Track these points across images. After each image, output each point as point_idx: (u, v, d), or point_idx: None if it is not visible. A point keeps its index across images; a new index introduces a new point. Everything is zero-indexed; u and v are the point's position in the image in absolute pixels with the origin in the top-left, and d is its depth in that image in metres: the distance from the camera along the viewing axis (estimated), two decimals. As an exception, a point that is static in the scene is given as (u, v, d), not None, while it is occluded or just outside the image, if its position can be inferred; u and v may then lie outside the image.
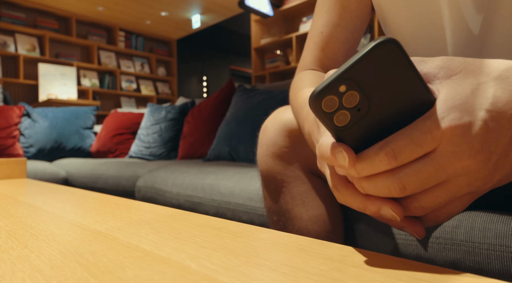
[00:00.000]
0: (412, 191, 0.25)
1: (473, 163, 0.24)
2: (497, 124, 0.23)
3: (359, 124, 0.25)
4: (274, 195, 0.54)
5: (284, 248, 0.27)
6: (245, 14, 5.45)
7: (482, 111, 0.23)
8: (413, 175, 0.24)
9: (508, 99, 0.23)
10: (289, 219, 0.53)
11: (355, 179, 0.26)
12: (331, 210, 0.55)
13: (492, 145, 0.24)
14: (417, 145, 0.23)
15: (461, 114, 0.23)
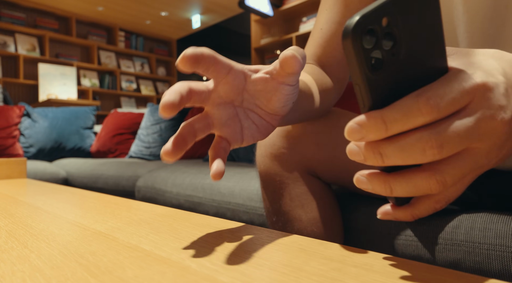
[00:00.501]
0: (448, 152, 0.22)
1: (500, 124, 0.23)
2: (511, 91, 0.24)
3: (390, 72, 0.22)
4: (273, 197, 0.54)
5: (284, 248, 0.27)
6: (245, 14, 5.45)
7: (500, 75, 0.24)
8: (453, 131, 0.22)
9: (510, 72, 0.24)
10: (288, 221, 0.53)
11: (375, 146, 0.23)
12: (330, 211, 0.55)
13: (509, 110, 0.23)
14: (459, 95, 0.22)
15: (486, 74, 0.23)
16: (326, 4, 0.58)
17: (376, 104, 0.22)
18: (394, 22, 0.21)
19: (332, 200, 0.57)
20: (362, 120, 0.22)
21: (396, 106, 0.21)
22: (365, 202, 0.62)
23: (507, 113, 0.23)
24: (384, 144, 0.22)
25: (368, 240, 0.58)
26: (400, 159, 0.22)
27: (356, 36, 0.20)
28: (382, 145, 0.22)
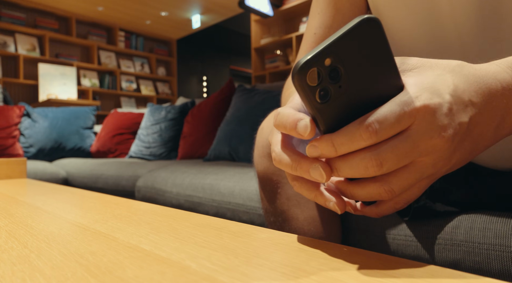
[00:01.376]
0: (388, 169, 0.25)
1: (441, 142, 0.26)
2: (458, 108, 0.26)
3: (338, 102, 0.25)
4: (270, 196, 0.54)
5: (284, 248, 0.27)
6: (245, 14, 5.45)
7: (447, 94, 0.26)
8: (391, 151, 0.25)
9: (464, 88, 0.26)
10: (285, 220, 0.53)
11: (330, 162, 0.27)
12: (327, 211, 0.55)
13: (456, 127, 0.26)
14: (396, 120, 0.25)
15: (431, 95, 0.25)
16: (318, 8, 0.58)
17: (329, 128, 0.26)
18: (337, 61, 0.24)
19: None
20: (317, 142, 0.26)
21: (343, 132, 0.25)
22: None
23: (448, 131, 0.26)
24: (337, 161, 0.26)
25: (368, 240, 0.58)
26: (350, 174, 0.26)
27: (300, 77, 0.24)
28: (335, 162, 0.27)
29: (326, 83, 0.24)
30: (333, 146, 0.25)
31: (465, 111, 0.26)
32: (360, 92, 0.25)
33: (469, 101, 0.26)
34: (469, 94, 0.26)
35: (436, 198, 0.51)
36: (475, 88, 0.27)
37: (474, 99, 0.27)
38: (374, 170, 0.25)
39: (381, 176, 0.26)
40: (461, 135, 0.26)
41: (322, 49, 0.23)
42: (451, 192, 0.52)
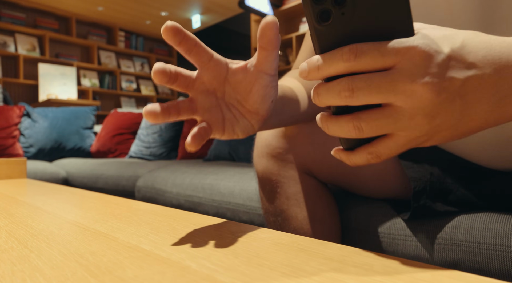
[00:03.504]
0: (358, 98, 0.25)
1: (423, 89, 0.24)
2: (456, 64, 0.25)
3: (338, 28, 0.25)
4: (270, 196, 0.54)
5: (284, 248, 0.27)
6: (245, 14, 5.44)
7: (448, 48, 0.25)
8: (365, 80, 0.25)
9: (471, 50, 0.25)
10: (285, 219, 0.54)
11: (316, 87, 0.27)
12: (326, 209, 0.55)
13: (446, 81, 0.25)
14: (379, 52, 0.24)
15: (430, 43, 0.25)
16: None
17: (323, 50, 0.26)
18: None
19: (328, 199, 0.57)
20: (307, 61, 0.27)
21: (329, 52, 0.26)
22: (364, 202, 0.62)
23: (433, 80, 0.24)
24: (320, 85, 0.27)
25: (368, 240, 0.58)
26: (326, 99, 0.27)
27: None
28: (319, 86, 0.27)
29: (329, 5, 0.24)
30: (316, 64, 0.26)
31: (462, 70, 0.25)
32: (364, 26, 0.25)
33: (471, 63, 0.25)
34: (475, 56, 0.25)
35: (436, 198, 0.52)
36: (484, 53, 0.25)
37: (479, 63, 0.25)
38: (345, 95, 0.25)
39: (356, 112, 0.27)
40: (451, 93, 0.25)
41: None
42: (451, 192, 0.52)
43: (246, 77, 0.33)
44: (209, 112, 0.34)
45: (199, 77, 0.34)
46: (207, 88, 0.34)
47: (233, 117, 0.35)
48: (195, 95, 0.34)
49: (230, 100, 0.35)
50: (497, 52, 0.25)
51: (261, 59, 0.32)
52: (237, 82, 0.34)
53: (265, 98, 0.34)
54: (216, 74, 0.34)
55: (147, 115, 0.30)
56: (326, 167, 0.55)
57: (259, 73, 0.33)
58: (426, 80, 0.24)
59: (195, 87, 0.34)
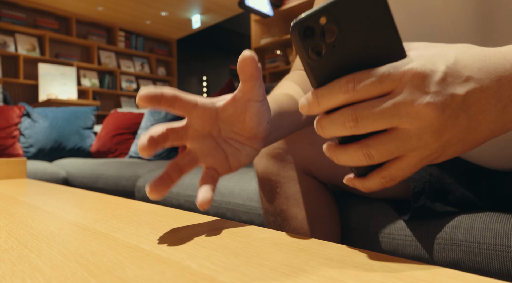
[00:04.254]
0: (363, 127, 0.25)
1: (427, 109, 0.24)
2: (454, 80, 0.25)
3: (331, 60, 0.26)
4: (270, 196, 0.54)
5: (284, 248, 0.28)
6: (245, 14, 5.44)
7: (443, 65, 0.25)
8: (368, 108, 0.25)
9: (466, 64, 0.25)
10: (285, 219, 0.54)
11: (318, 120, 0.28)
12: (327, 210, 0.55)
13: (447, 98, 0.25)
14: (377, 79, 0.25)
15: (425, 63, 0.25)
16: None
17: (319, 84, 0.26)
18: (332, 21, 0.24)
19: (328, 199, 0.57)
20: (306, 96, 0.27)
21: (327, 85, 0.26)
22: (364, 202, 0.62)
23: (435, 99, 0.24)
24: (323, 118, 0.27)
25: (368, 240, 0.58)
26: (331, 131, 0.27)
27: (295, 31, 0.25)
28: (321, 118, 0.27)
29: (319, 40, 0.25)
30: (316, 98, 0.26)
31: (461, 85, 0.25)
32: (356, 54, 0.25)
33: (468, 77, 0.25)
34: (471, 69, 0.25)
35: (435, 198, 0.52)
36: (479, 65, 0.26)
37: (476, 75, 0.25)
38: (350, 125, 0.25)
39: (363, 140, 0.27)
40: (455, 109, 0.25)
41: (320, 7, 0.24)
42: (450, 192, 0.52)
43: (236, 109, 0.33)
44: (211, 156, 0.34)
45: (189, 126, 0.34)
46: (201, 133, 0.34)
47: (235, 150, 0.35)
48: (191, 144, 0.34)
49: (227, 134, 0.35)
50: (492, 63, 0.26)
51: (246, 90, 0.32)
52: (229, 116, 0.34)
53: (260, 122, 0.34)
54: (206, 118, 0.33)
55: (148, 190, 0.32)
56: (326, 168, 0.55)
57: (248, 102, 0.33)
58: (428, 100, 0.24)
59: (189, 137, 0.34)
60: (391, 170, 0.28)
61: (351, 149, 0.27)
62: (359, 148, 0.26)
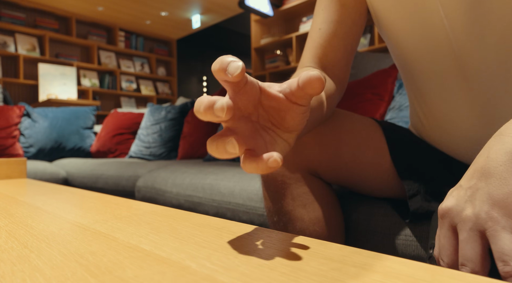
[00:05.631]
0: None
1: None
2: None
3: None
4: (275, 196, 0.54)
5: (284, 248, 0.27)
6: (245, 14, 5.44)
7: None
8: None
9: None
10: (290, 220, 0.53)
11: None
12: (332, 211, 0.55)
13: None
14: None
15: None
16: (322, 4, 0.58)
17: None
18: None
19: (334, 200, 0.57)
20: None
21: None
22: (365, 202, 0.62)
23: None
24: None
25: (368, 240, 0.58)
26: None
27: None
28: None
29: None
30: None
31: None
32: None
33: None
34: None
35: (431, 198, 0.52)
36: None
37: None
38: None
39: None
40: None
41: None
42: (445, 192, 0.52)
43: (280, 105, 0.32)
44: (252, 139, 0.32)
45: (234, 103, 0.31)
46: (243, 113, 0.32)
47: (272, 139, 0.33)
48: (233, 124, 0.31)
49: (265, 123, 0.33)
50: None
51: (298, 97, 0.30)
52: (271, 108, 0.32)
53: (300, 121, 0.33)
54: (251, 98, 0.31)
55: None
56: (332, 167, 0.54)
57: (294, 104, 0.31)
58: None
59: (235, 115, 0.31)
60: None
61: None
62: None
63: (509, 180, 0.29)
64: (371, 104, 1.22)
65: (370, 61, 1.54)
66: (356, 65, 1.52)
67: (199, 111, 0.27)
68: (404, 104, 1.16)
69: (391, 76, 1.25)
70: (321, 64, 0.56)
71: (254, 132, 0.32)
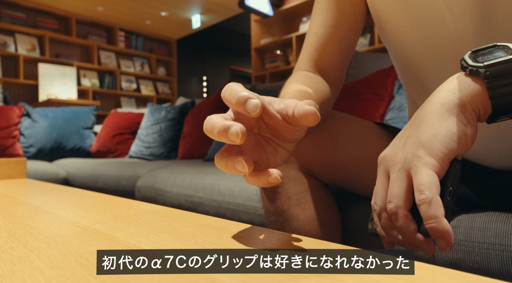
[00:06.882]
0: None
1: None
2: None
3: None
4: (271, 196, 0.54)
5: (283, 248, 0.28)
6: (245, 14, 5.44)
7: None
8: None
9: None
10: (286, 220, 0.53)
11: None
12: (328, 210, 0.55)
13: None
14: None
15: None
16: (319, 8, 0.58)
17: None
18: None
19: (329, 199, 0.57)
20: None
21: None
22: (363, 202, 0.62)
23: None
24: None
25: (366, 240, 0.58)
26: None
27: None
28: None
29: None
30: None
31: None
32: None
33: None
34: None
35: None
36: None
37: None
38: None
39: None
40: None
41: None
42: None
43: (277, 124, 0.32)
44: (255, 151, 0.33)
45: (239, 120, 0.32)
46: (247, 128, 0.32)
47: (273, 150, 0.34)
48: None
49: (266, 134, 0.34)
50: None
51: (293, 121, 0.31)
52: (270, 124, 0.33)
53: (299, 136, 0.34)
54: None
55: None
56: (328, 168, 0.55)
57: (289, 125, 0.32)
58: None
59: None
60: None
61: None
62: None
63: (434, 125, 0.33)
64: (371, 104, 1.22)
65: (370, 61, 1.54)
66: (356, 65, 1.52)
67: (212, 133, 0.27)
68: (404, 104, 1.16)
69: (391, 76, 1.25)
70: (317, 68, 0.57)
71: (256, 144, 0.34)
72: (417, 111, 0.36)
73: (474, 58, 0.35)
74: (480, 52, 0.35)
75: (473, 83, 0.34)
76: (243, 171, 0.28)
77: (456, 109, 0.33)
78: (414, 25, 0.50)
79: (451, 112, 0.33)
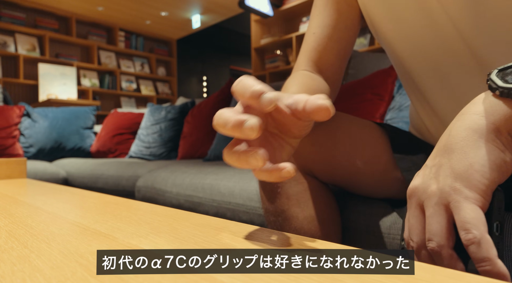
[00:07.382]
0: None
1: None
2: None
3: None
4: (270, 196, 0.54)
5: (283, 247, 0.27)
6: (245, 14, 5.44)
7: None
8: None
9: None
10: (285, 219, 0.53)
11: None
12: (327, 210, 0.55)
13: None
14: None
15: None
16: (317, 9, 0.59)
17: None
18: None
19: (329, 199, 0.57)
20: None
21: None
22: (363, 202, 0.62)
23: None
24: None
25: (368, 240, 0.58)
26: None
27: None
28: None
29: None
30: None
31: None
32: None
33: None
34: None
35: None
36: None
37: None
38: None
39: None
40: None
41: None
42: None
43: (285, 119, 0.32)
44: (262, 147, 0.32)
45: (247, 112, 0.31)
46: None
47: (280, 145, 0.34)
48: None
49: (273, 129, 0.34)
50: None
51: (302, 116, 0.30)
52: (276, 120, 0.33)
53: (305, 131, 0.34)
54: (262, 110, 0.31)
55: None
56: (327, 168, 0.55)
57: (297, 120, 0.31)
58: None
59: None
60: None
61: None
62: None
63: (469, 153, 0.30)
64: (371, 104, 1.22)
65: (370, 61, 1.54)
66: (356, 65, 1.52)
67: (224, 128, 0.26)
68: (404, 104, 1.16)
69: (391, 76, 1.25)
70: (316, 67, 0.58)
71: (264, 139, 0.33)
72: (446, 137, 0.33)
73: (502, 77, 0.32)
74: (508, 70, 0.32)
75: (505, 106, 0.31)
76: (256, 164, 0.27)
77: (491, 135, 0.31)
78: (401, 28, 0.50)
79: (486, 138, 0.31)
